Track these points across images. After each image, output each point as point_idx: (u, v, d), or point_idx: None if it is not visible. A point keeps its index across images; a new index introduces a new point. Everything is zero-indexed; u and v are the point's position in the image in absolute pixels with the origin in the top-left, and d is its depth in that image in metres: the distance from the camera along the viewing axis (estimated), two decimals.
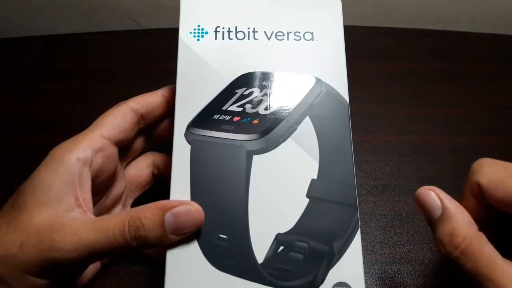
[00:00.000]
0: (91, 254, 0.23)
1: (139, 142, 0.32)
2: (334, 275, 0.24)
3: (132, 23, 0.51)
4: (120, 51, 0.48)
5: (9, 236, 0.24)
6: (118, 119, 0.28)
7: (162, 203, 0.24)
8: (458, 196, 0.29)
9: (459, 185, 0.38)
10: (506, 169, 0.24)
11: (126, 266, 0.33)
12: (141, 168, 0.33)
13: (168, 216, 0.23)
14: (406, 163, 0.40)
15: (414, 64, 0.47)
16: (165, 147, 0.29)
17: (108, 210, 0.31)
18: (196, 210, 0.24)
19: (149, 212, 0.24)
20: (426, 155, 0.40)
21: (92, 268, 0.30)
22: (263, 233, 0.25)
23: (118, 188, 0.31)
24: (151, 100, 0.30)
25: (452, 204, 0.24)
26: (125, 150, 0.31)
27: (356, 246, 0.25)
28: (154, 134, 0.32)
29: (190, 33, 0.29)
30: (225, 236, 0.25)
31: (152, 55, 0.47)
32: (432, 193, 0.24)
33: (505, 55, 0.48)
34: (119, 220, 0.24)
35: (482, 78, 0.46)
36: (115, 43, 0.49)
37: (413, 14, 0.51)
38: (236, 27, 0.29)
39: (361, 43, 0.47)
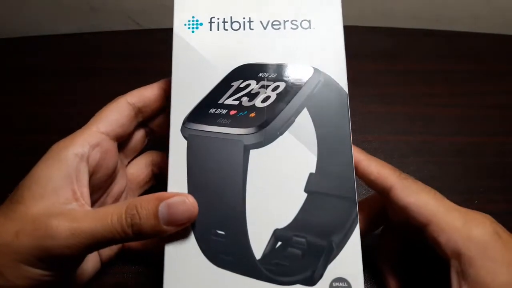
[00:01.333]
0: (88, 242, 0.23)
1: (139, 138, 0.32)
2: (333, 270, 0.24)
3: (132, 23, 0.51)
4: (120, 51, 0.48)
5: (6, 226, 0.24)
6: (115, 114, 0.29)
7: (159, 194, 0.25)
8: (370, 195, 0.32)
9: (459, 185, 0.39)
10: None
11: (126, 266, 0.33)
12: (141, 167, 0.33)
13: (162, 206, 0.24)
14: (406, 163, 0.40)
15: (414, 64, 0.47)
16: (166, 146, 0.29)
17: None
18: (189, 202, 0.24)
19: (145, 201, 0.24)
20: (426, 155, 0.40)
21: (92, 267, 0.30)
22: (261, 228, 0.25)
23: (118, 185, 0.31)
24: (148, 94, 0.30)
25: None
26: (125, 146, 0.31)
27: (355, 241, 0.25)
28: (152, 127, 0.32)
29: (185, 25, 0.28)
30: (222, 232, 0.25)
31: (152, 55, 0.46)
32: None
33: (505, 55, 0.48)
34: (118, 208, 0.24)
35: (482, 78, 0.46)
36: (115, 43, 0.49)
37: (413, 14, 0.51)
38: (231, 17, 0.28)
39: (361, 43, 0.47)
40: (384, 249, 0.31)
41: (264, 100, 0.27)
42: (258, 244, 0.25)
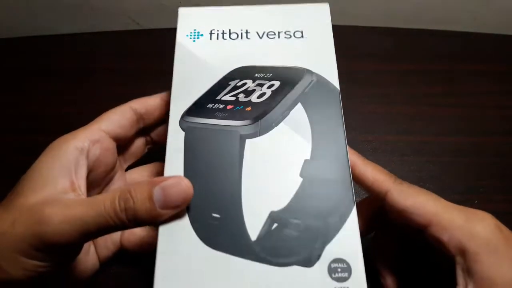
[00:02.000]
0: (82, 229, 0.23)
1: (139, 145, 0.33)
2: (331, 251, 0.24)
3: (132, 23, 0.51)
4: (120, 51, 0.48)
5: (3, 217, 0.24)
6: (117, 116, 0.30)
7: (153, 178, 0.24)
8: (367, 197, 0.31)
9: (459, 185, 0.39)
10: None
11: (126, 267, 0.33)
12: (143, 174, 0.33)
13: (156, 189, 0.24)
14: (406, 163, 0.40)
15: (414, 64, 0.47)
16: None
17: None
18: (184, 183, 0.24)
19: (139, 185, 0.24)
20: (426, 155, 0.40)
21: (91, 266, 0.30)
22: (256, 211, 0.25)
23: (116, 186, 0.31)
24: (151, 102, 0.31)
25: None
26: (125, 151, 0.32)
27: (352, 222, 0.25)
28: (152, 137, 0.33)
29: (187, 36, 0.31)
30: (217, 215, 0.25)
31: (152, 55, 0.47)
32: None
33: (505, 55, 0.48)
34: (112, 193, 0.24)
35: (482, 78, 0.46)
36: (115, 43, 0.49)
37: (413, 14, 0.51)
38: (229, 30, 0.31)
39: (361, 43, 0.47)
40: (381, 250, 0.31)
41: (259, 96, 0.28)
42: (254, 227, 0.25)
